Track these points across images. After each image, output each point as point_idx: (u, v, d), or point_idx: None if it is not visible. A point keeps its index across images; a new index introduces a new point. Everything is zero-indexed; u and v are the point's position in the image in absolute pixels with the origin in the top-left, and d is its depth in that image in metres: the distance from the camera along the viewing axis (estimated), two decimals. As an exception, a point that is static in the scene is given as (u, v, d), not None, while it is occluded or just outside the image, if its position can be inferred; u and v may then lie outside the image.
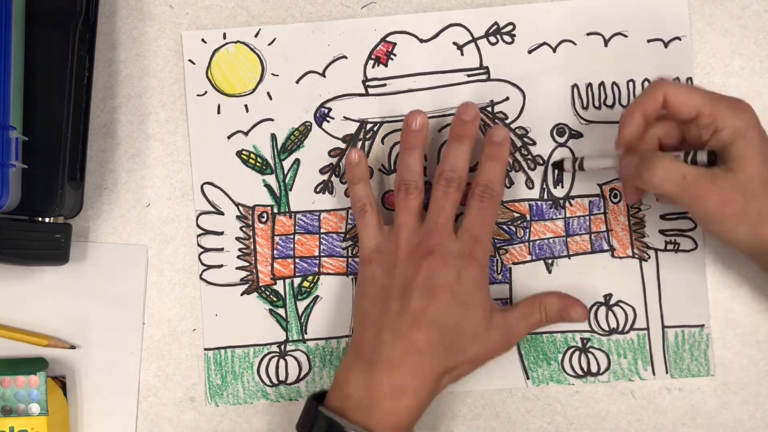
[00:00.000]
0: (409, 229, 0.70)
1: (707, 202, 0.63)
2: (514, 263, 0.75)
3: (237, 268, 0.76)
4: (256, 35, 0.76)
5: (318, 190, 0.76)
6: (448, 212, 0.70)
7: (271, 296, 0.76)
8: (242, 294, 0.76)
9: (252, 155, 0.76)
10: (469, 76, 0.75)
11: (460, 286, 0.68)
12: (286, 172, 0.76)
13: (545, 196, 0.75)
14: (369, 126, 0.75)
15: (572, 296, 0.73)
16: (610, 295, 0.74)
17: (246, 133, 0.76)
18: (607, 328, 0.75)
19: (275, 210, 0.76)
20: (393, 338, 0.67)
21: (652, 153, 0.67)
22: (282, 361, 0.76)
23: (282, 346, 0.76)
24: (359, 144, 0.75)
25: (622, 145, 0.68)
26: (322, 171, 0.76)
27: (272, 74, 0.76)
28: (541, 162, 0.75)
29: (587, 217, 0.75)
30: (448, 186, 0.70)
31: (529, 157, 0.75)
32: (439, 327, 0.67)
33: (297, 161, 0.76)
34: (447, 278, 0.68)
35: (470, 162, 0.72)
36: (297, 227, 0.76)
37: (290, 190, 0.76)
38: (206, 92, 0.76)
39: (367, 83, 0.75)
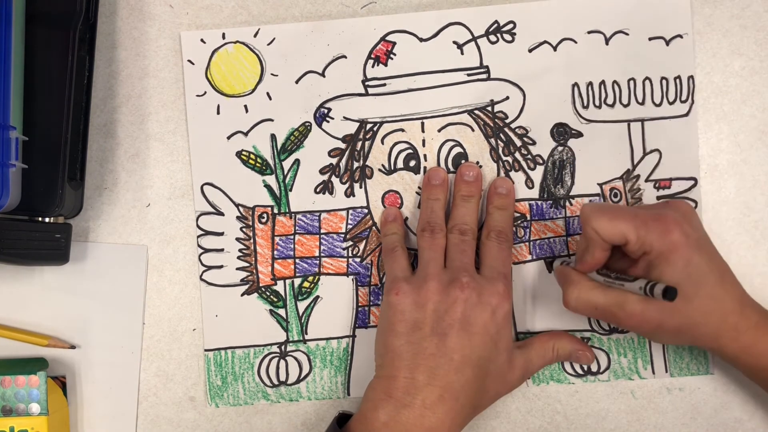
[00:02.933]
0: (437, 264, 0.70)
1: (622, 324, 0.67)
2: (514, 263, 0.75)
3: (237, 269, 0.76)
4: (255, 35, 0.76)
5: (318, 190, 0.76)
6: (469, 255, 0.71)
7: (272, 297, 0.76)
8: (242, 294, 0.76)
9: (252, 156, 0.76)
10: (469, 75, 0.75)
11: (494, 324, 0.68)
12: (286, 172, 0.76)
13: (545, 196, 0.75)
14: (369, 126, 0.75)
15: (582, 341, 0.74)
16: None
17: (246, 134, 0.76)
18: (607, 327, 0.75)
19: (275, 210, 0.76)
20: (428, 381, 0.66)
21: (567, 280, 0.69)
22: (282, 362, 0.76)
23: (282, 347, 0.76)
24: (359, 144, 0.75)
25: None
26: (322, 171, 0.76)
27: (272, 74, 0.76)
28: (541, 162, 0.75)
29: (587, 217, 0.75)
30: (463, 235, 0.71)
31: (529, 156, 0.75)
32: (473, 368, 0.67)
33: (297, 161, 0.76)
34: (483, 315, 0.67)
35: (479, 212, 0.74)
36: (297, 228, 0.76)
37: (290, 190, 0.76)
38: (205, 92, 0.76)
39: (366, 83, 0.75)
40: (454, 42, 0.75)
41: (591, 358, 0.74)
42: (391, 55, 0.75)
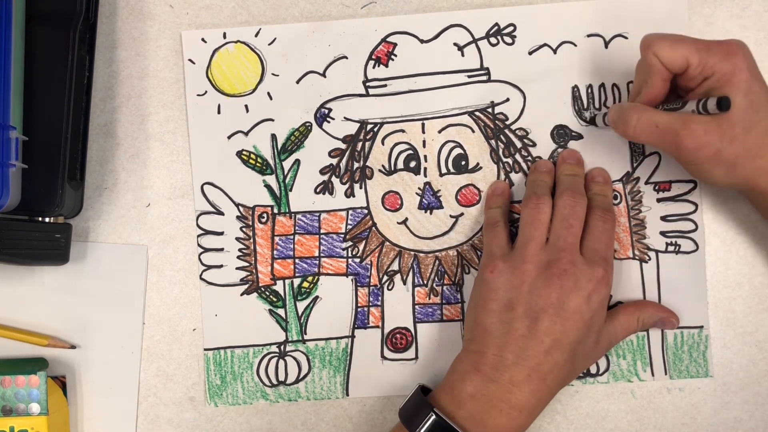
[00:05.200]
0: (537, 243, 0.69)
1: (681, 146, 0.64)
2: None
3: (237, 269, 0.76)
4: (256, 35, 0.76)
5: (318, 190, 0.76)
6: (576, 230, 0.69)
7: (271, 296, 0.76)
8: (242, 294, 0.76)
9: (252, 155, 0.76)
10: (469, 76, 0.75)
11: (589, 309, 0.67)
12: (286, 172, 0.76)
13: (546, 197, 0.75)
14: (369, 126, 0.75)
15: (667, 308, 0.74)
16: (610, 296, 0.74)
17: (246, 134, 0.76)
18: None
19: (275, 210, 0.76)
20: (517, 360, 0.66)
21: (627, 108, 0.67)
22: (281, 362, 0.76)
23: (281, 347, 0.76)
24: (359, 144, 0.75)
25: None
26: (322, 171, 0.76)
27: (272, 74, 0.76)
28: (542, 163, 0.75)
29: (588, 219, 0.75)
30: (573, 198, 0.70)
31: (530, 158, 0.75)
32: (563, 352, 0.66)
33: (297, 162, 0.76)
34: (578, 301, 0.66)
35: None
36: (297, 228, 0.76)
37: (290, 190, 0.76)
38: (206, 92, 0.76)
39: (367, 83, 0.75)
40: (455, 44, 0.75)
41: (676, 324, 0.73)
42: (392, 56, 0.75)
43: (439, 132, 0.75)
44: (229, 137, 0.76)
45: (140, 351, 0.76)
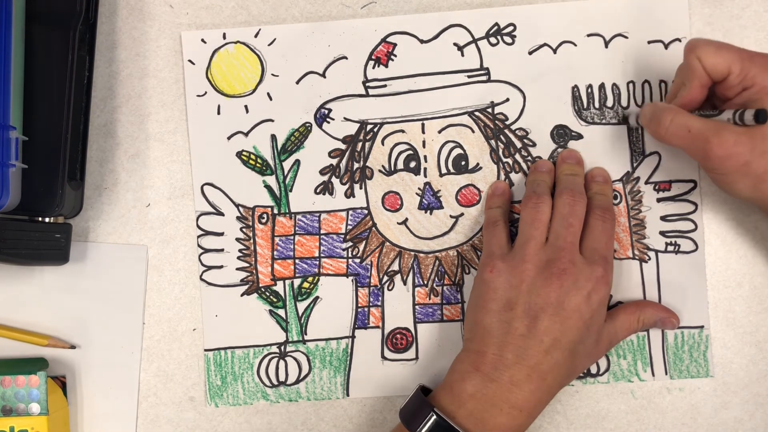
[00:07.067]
0: (537, 243, 0.69)
1: (709, 154, 0.64)
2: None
3: (237, 269, 0.76)
4: (256, 35, 0.76)
5: (318, 191, 0.76)
6: (576, 229, 0.69)
7: (271, 297, 0.76)
8: (242, 295, 0.76)
9: (252, 156, 0.76)
10: (469, 77, 0.75)
11: (589, 308, 0.67)
12: (286, 173, 0.76)
13: (545, 197, 0.75)
14: (369, 127, 0.75)
15: (667, 308, 0.73)
16: (610, 296, 0.74)
17: (246, 134, 0.76)
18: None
19: (275, 211, 0.76)
20: (517, 360, 0.66)
21: (661, 107, 0.67)
22: (282, 362, 0.76)
23: (282, 347, 0.76)
24: (359, 144, 0.75)
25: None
26: (322, 172, 0.76)
27: (272, 75, 0.76)
28: (542, 163, 0.75)
29: (588, 219, 0.75)
30: (572, 197, 0.70)
31: (529, 158, 0.75)
32: (563, 351, 0.66)
33: (297, 162, 0.76)
34: (577, 301, 0.66)
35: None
36: (297, 228, 0.76)
37: (290, 191, 0.76)
38: (206, 93, 0.76)
39: (367, 84, 0.75)
40: (455, 44, 0.75)
41: (676, 324, 0.73)
42: (392, 57, 0.75)
43: (439, 132, 0.75)
44: (229, 138, 0.76)
45: (140, 351, 0.76)
